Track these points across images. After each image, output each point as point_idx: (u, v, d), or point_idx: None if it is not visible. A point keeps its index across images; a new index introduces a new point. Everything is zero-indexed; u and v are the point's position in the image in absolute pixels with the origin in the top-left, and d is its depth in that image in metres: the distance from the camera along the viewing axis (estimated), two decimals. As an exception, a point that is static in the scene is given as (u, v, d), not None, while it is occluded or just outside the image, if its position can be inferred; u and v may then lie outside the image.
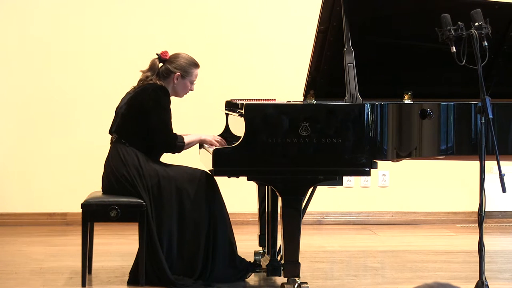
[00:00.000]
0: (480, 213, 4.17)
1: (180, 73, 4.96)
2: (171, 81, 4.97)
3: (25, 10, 6.94)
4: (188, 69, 4.98)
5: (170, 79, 4.97)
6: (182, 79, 4.98)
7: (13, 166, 6.97)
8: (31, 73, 6.96)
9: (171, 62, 4.98)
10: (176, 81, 4.97)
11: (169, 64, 4.98)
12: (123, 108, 4.98)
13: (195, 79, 5.03)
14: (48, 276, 5.13)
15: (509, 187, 4.30)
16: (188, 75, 4.98)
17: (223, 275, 4.82)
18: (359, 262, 5.66)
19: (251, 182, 4.77)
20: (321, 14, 4.92)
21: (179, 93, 5.03)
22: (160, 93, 4.89)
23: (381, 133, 4.57)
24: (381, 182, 7.24)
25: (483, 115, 4.19)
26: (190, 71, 4.99)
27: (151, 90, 4.90)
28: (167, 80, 4.98)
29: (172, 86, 4.98)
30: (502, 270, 5.40)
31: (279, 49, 7.11)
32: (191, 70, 4.99)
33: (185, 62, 4.98)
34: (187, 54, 5.04)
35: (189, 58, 5.02)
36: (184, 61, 4.98)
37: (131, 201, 4.81)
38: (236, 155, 4.50)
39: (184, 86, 5.00)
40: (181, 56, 5.01)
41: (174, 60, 4.99)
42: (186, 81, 4.99)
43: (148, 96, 4.88)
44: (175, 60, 4.98)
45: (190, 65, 4.99)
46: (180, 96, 5.06)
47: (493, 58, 5.15)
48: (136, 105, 4.92)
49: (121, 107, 5.01)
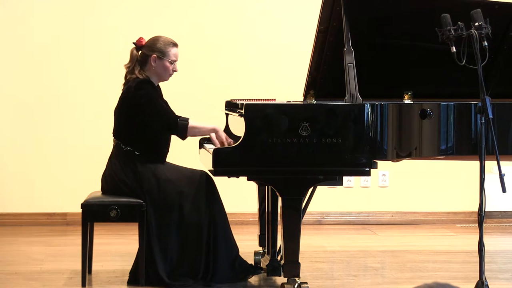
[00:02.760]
0: (480, 213, 4.16)
1: (156, 55, 4.90)
2: (150, 66, 4.91)
3: (26, 11, 6.94)
4: (164, 49, 4.90)
5: (149, 64, 4.91)
6: (160, 61, 4.90)
7: (13, 166, 6.97)
8: (31, 73, 6.97)
9: (147, 47, 4.93)
10: (154, 63, 4.90)
11: (145, 49, 4.93)
12: (116, 112, 4.96)
13: (176, 58, 4.93)
14: (48, 276, 5.13)
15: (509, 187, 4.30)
16: (165, 55, 4.90)
17: (223, 276, 4.82)
18: (359, 262, 5.66)
19: (251, 182, 4.76)
20: (321, 14, 4.91)
21: (162, 76, 4.93)
22: (143, 85, 4.83)
23: (381, 133, 4.57)
24: (381, 182, 7.24)
25: (483, 115, 4.19)
26: (166, 50, 4.91)
27: (133, 87, 4.83)
28: (147, 66, 4.91)
29: (152, 70, 4.91)
30: (502, 270, 5.40)
31: (279, 49, 7.11)
32: (167, 50, 4.91)
33: (160, 43, 4.91)
34: (164, 36, 4.97)
35: (165, 38, 4.95)
36: (159, 42, 4.92)
37: (131, 201, 4.81)
38: (236, 155, 4.50)
39: (163, 67, 4.91)
40: (155, 38, 4.95)
41: (150, 43, 4.93)
42: (164, 62, 4.90)
43: (133, 94, 4.82)
44: (151, 43, 4.93)
45: (166, 45, 4.92)
46: (165, 79, 4.96)
47: (493, 58, 5.15)
48: (124, 107, 4.88)
49: (115, 109, 4.98)
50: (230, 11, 7.09)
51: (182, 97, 6.63)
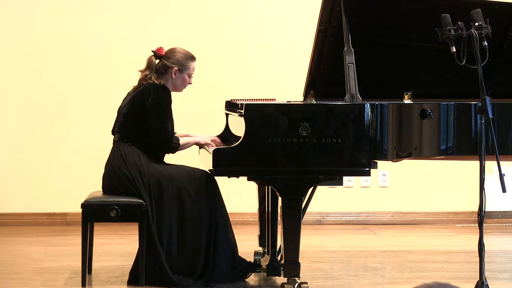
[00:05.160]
0: (480, 213, 4.17)
1: (178, 68, 4.97)
2: (169, 77, 4.99)
3: (25, 11, 6.94)
4: (185, 62, 4.99)
5: (168, 75, 4.98)
6: (180, 74, 4.99)
7: (13, 166, 6.97)
8: (31, 73, 6.96)
9: (167, 58, 4.99)
10: (174, 76, 4.98)
11: (166, 59, 4.99)
12: (125, 108, 4.99)
13: (193, 72, 5.04)
14: (48, 276, 5.13)
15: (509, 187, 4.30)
16: (186, 69, 4.99)
17: (223, 275, 4.83)
18: (359, 262, 5.66)
19: (251, 182, 4.77)
20: (321, 14, 4.92)
21: (178, 88, 5.04)
22: (161, 93, 4.90)
23: (381, 133, 4.57)
24: (381, 182, 7.24)
25: (483, 115, 4.19)
26: (187, 64, 4.99)
27: (152, 89, 4.90)
28: (166, 76, 4.99)
29: (171, 81, 4.99)
30: (502, 270, 5.40)
31: (279, 49, 7.11)
32: (188, 64, 5.00)
33: (181, 56, 4.99)
34: (182, 48, 5.05)
35: (185, 52, 5.03)
36: (180, 55, 4.99)
37: (131, 201, 4.82)
38: (236, 155, 4.50)
39: (182, 80, 5.01)
40: (177, 50, 5.02)
41: (171, 55, 5.00)
42: (184, 75, 4.99)
43: (148, 95, 4.89)
44: (172, 55, 5.00)
45: (186, 58, 5.00)
46: (179, 90, 5.07)
47: (493, 58, 5.15)
48: (137, 104, 4.93)
49: (123, 107, 5.01)
50: (230, 11, 7.09)
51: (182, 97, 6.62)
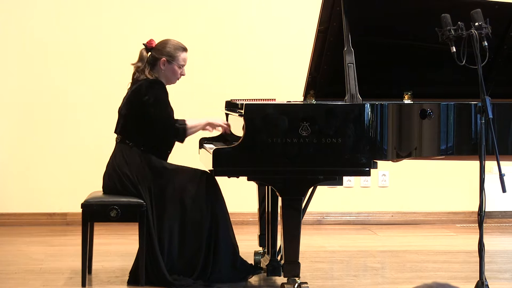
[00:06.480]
0: (480, 213, 4.17)
1: (166, 59, 4.96)
2: (159, 68, 4.97)
3: (25, 10, 6.94)
4: (173, 53, 4.97)
5: (158, 66, 4.97)
6: (169, 64, 4.97)
7: (13, 166, 6.97)
8: (31, 73, 6.97)
9: (157, 50, 4.99)
10: (163, 66, 4.96)
11: (155, 51, 4.98)
12: (123, 109, 4.99)
13: (184, 63, 5.01)
14: (48, 276, 5.13)
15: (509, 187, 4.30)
16: (175, 60, 4.97)
17: (223, 275, 4.82)
18: (359, 262, 5.66)
19: (251, 182, 4.76)
20: (321, 14, 4.92)
21: (170, 79, 5.01)
22: (156, 87, 4.89)
23: (381, 133, 4.57)
24: (381, 182, 7.24)
25: (483, 115, 4.19)
26: (176, 55, 4.97)
27: (145, 86, 4.89)
28: (156, 69, 4.97)
29: (161, 73, 4.97)
30: (502, 270, 5.40)
31: (279, 49, 7.11)
32: (177, 54, 4.98)
33: (170, 47, 4.98)
34: (174, 40, 5.04)
35: (175, 42, 5.02)
36: (169, 46, 4.99)
37: (131, 201, 4.82)
38: (236, 155, 4.50)
39: (172, 71, 4.98)
40: (166, 41, 5.01)
41: (160, 47, 4.99)
42: (173, 66, 4.97)
43: (144, 93, 4.87)
44: (161, 46, 4.99)
45: (176, 49, 4.98)
46: (172, 82, 5.03)
47: (493, 58, 5.15)
48: (134, 103, 4.92)
49: (121, 107, 5.01)
50: (230, 11, 7.09)
51: (182, 97, 6.63)
